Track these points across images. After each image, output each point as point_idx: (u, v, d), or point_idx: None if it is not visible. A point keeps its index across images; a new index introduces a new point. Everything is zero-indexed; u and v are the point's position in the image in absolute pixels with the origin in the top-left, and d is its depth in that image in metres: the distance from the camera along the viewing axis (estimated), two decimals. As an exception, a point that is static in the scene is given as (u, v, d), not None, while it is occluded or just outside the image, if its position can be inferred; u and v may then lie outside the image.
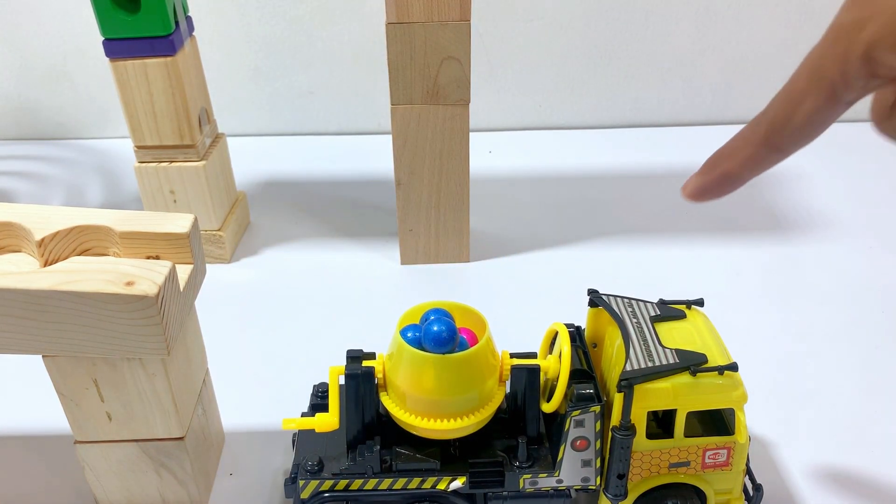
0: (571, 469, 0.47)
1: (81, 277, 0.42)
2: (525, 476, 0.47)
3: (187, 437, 0.49)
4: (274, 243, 0.81)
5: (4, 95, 1.01)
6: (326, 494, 0.47)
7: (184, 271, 0.46)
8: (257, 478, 0.55)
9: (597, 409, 0.45)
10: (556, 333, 0.49)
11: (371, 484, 0.47)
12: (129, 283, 0.41)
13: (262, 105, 1.02)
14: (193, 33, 0.72)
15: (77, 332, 0.42)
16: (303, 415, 0.51)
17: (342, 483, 0.47)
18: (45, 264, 0.45)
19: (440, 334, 0.44)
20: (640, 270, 0.75)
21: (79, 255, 0.46)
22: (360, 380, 0.46)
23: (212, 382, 0.55)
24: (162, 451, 0.49)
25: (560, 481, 0.47)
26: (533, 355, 0.50)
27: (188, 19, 0.71)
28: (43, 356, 0.44)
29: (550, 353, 0.50)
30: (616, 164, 0.94)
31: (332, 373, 0.47)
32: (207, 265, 0.56)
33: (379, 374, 0.47)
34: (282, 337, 0.68)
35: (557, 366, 0.46)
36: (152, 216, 0.47)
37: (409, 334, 0.46)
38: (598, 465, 0.47)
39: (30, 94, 1.01)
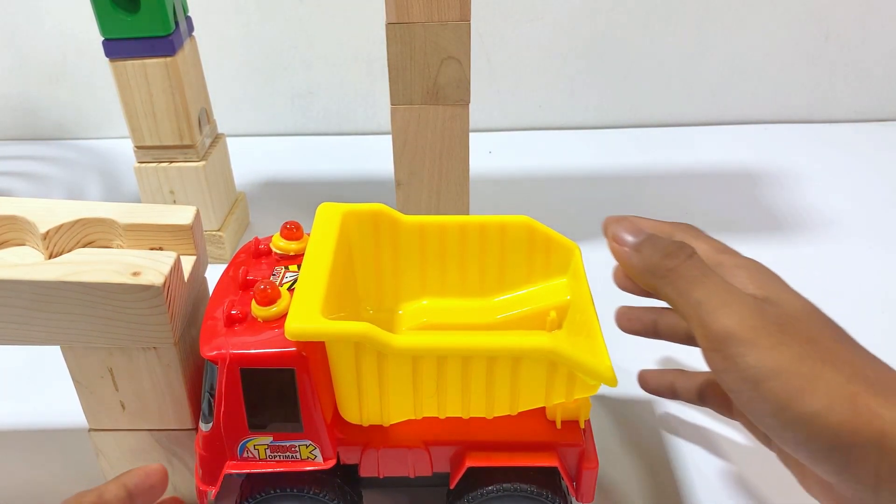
0: None
1: (89, 268, 0.42)
2: None
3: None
4: (274, 243, 0.81)
5: (3, 95, 1.01)
6: None
7: (187, 262, 0.47)
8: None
9: None
10: None
11: None
12: (135, 273, 0.42)
13: (262, 105, 1.02)
14: (193, 33, 0.72)
15: (85, 322, 0.43)
16: None
17: None
18: (50, 257, 0.46)
19: None
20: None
21: (83, 247, 0.47)
22: None
23: None
24: (174, 440, 0.49)
25: None
26: None
27: (188, 19, 0.71)
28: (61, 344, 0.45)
29: None
30: (616, 164, 0.94)
31: None
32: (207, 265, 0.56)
33: None
34: (282, 337, 0.68)
35: None
36: (155, 208, 0.47)
37: None
38: None
39: (29, 94, 1.01)
